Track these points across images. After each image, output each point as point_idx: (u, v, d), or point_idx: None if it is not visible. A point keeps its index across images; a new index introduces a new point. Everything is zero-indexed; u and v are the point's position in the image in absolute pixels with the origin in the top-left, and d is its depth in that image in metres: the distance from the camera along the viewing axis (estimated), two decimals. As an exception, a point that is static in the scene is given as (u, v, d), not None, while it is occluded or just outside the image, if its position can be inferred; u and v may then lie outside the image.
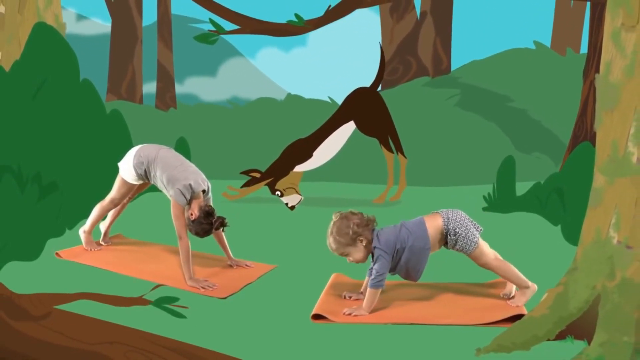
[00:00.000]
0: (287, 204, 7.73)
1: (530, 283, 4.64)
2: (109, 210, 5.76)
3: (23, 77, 6.43)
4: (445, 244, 4.65)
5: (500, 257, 4.73)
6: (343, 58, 12.93)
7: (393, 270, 4.61)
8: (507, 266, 4.66)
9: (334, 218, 4.59)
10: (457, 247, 4.61)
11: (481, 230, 4.67)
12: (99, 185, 6.38)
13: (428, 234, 4.58)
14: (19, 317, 3.74)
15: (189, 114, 11.77)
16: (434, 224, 4.60)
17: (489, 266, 4.64)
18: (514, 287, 4.73)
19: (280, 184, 7.86)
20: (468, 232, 4.57)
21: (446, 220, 4.59)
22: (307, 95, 12.00)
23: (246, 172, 7.96)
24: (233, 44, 13.26)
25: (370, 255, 4.64)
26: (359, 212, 4.62)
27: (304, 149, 7.98)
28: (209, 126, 10.93)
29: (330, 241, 4.57)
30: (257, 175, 7.94)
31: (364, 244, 4.54)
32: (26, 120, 6.36)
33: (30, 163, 6.03)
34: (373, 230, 4.58)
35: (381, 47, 8.05)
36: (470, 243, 4.58)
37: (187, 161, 5.51)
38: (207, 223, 5.17)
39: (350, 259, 4.61)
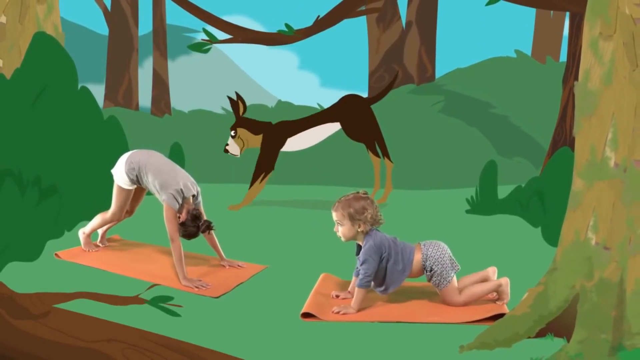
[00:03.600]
0: (226, 146, 7.77)
1: (499, 281, 4.73)
2: (109, 222, 5.80)
3: (23, 85, 6.44)
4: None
5: (469, 282, 4.82)
6: (331, 66, 13.04)
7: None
8: (472, 292, 4.73)
9: (361, 192, 4.72)
10: (432, 281, 4.74)
11: (458, 269, 4.74)
12: (97, 188, 6.49)
13: (412, 262, 4.70)
14: (19, 315, 3.75)
15: (183, 120, 11.77)
16: (415, 257, 4.72)
17: (457, 305, 4.71)
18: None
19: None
20: (443, 271, 4.68)
21: (425, 256, 4.70)
22: (297, 102, 12.00)
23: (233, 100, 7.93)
24: (225, 52, 13.35)
25: (356, 249, 4.78)
26: (379, 208, 4.76)
27: (281, 132, 7.95)
28: (202, 132, 10.89)
29: (341, 204, 4.68)
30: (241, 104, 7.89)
31: (359, 230, 4.66)
32: (26, 125, 6.38)
33: (31, 167, 6.04)
34: (372, 229, 4.71)
35: (397, 73, 8.07)
36: (443, 281, 4.69)
37: (177, 166, 5.57)
38: (193, 226, 5.26)
39: (339, 229, 4.71)
